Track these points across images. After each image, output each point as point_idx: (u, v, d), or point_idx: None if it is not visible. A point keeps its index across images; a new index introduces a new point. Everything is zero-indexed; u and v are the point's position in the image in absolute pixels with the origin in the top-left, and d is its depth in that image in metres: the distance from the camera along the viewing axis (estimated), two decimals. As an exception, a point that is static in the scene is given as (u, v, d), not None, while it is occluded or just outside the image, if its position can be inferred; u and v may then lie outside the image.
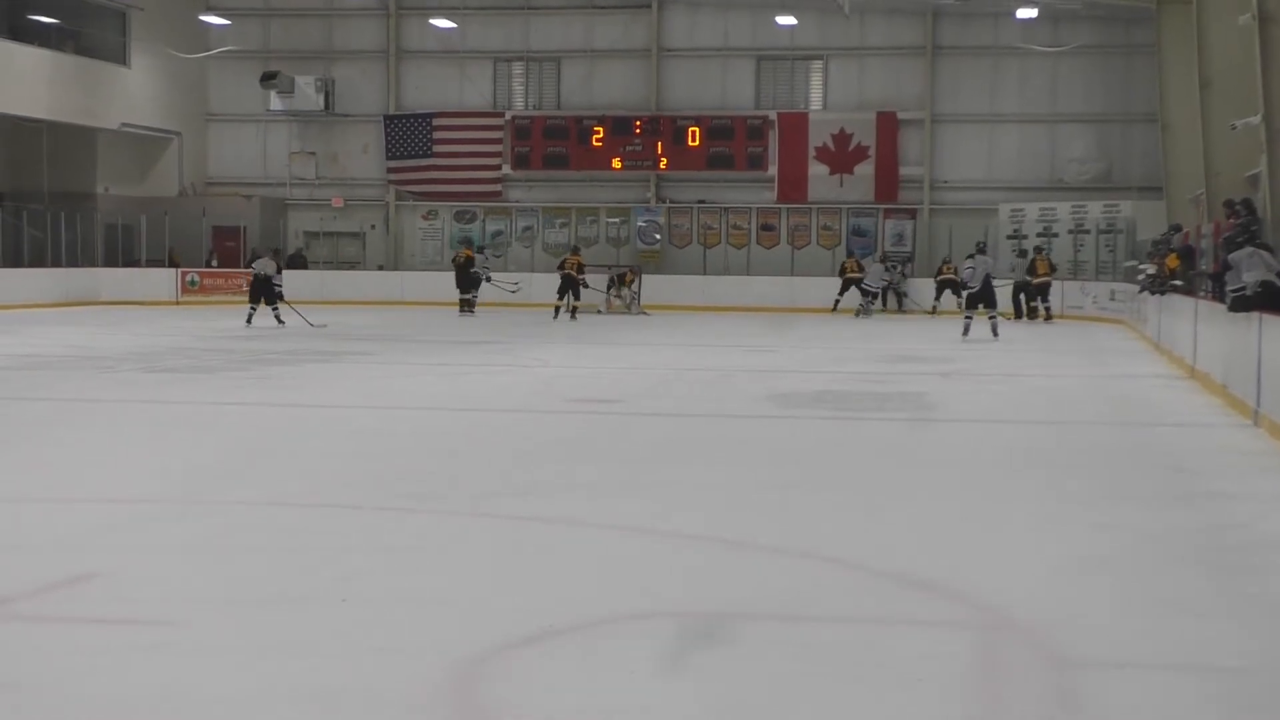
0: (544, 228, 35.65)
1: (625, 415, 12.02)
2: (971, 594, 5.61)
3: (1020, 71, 33.71)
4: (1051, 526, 7.16)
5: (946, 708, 4.24)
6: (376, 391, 13.99)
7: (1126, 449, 10.34)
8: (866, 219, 34.42)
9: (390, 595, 5.51)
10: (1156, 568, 6.25)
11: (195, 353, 18.09)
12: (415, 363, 17.49)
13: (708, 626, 5.12)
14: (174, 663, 4.59)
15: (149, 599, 5.37)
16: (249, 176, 36.79)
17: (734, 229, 34.91)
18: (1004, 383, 15.52)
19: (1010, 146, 33.91)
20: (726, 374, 15.94)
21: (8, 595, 5.35)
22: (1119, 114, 33.14)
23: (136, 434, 10.55)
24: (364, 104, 36.33)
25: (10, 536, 6.50)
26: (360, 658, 4.67)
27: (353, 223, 36.64)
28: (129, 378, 14.72)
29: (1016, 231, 32.46)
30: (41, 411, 12.12)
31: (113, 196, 34.47)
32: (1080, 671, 4.64)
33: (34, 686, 4.32)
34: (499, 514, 7.32)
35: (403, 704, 4.21)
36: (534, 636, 4.92)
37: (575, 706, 4.20)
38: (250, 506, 7.47)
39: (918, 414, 12.11)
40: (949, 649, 4.86)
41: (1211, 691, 4.50)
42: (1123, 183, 32.73)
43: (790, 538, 6.69)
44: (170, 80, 35.49)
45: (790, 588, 5.73)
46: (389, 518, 7.22)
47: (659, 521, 7.10)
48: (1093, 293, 29.54)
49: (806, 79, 34.95)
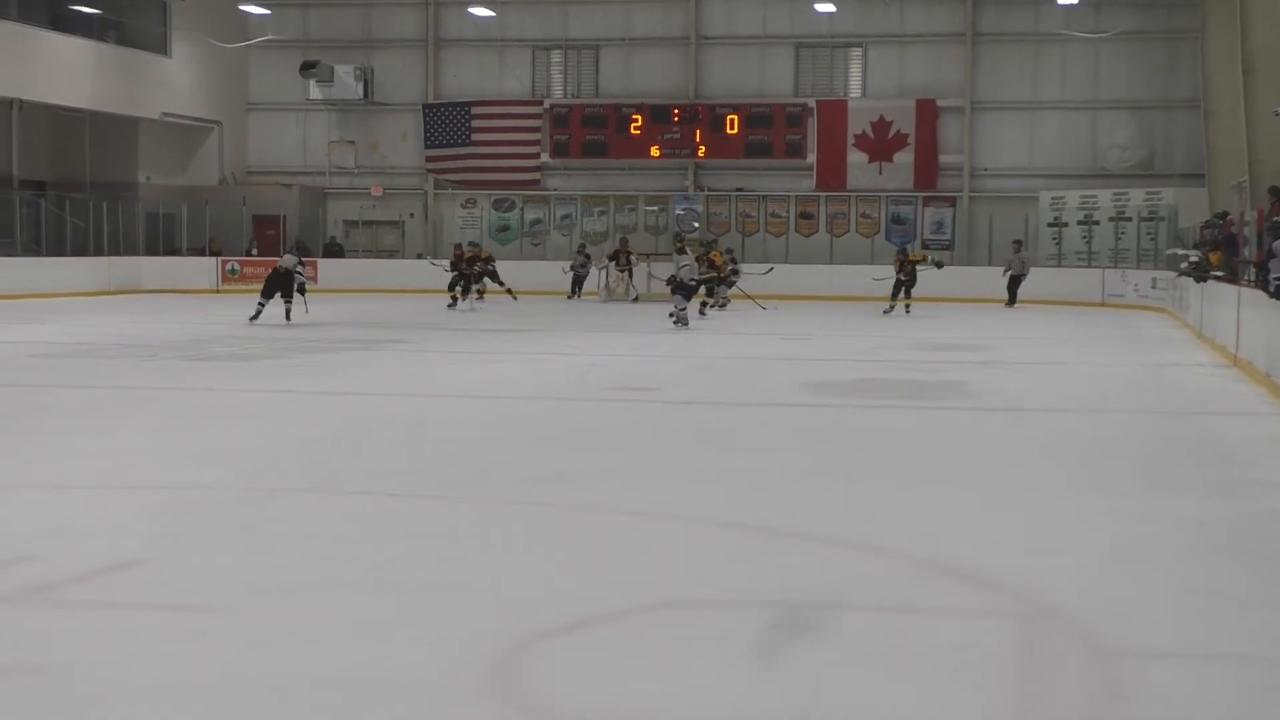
0: (582, 216, 35.64)
1: (662, 403, 12.01)
2: (1012, 583, 5.58)
3: (1061, 58, 33.43)
4: (1092, 515, 7.12)
5: (988, 697, 4.22)
6: (414, 379, 14.04)
7: (1168, 438, 10.27)
8: (906, 207, 34.25)
9: (429, 583, 5.53)
10: (1198, 557, 6.20)
11: (236, 341, 18.19)
12: (453, 351, 17.53)
13: (749, 615, 5.12)
14: (214, 649, 4.62)
15: (190, 586, 5.41)
16: (289, 165, 36.93)
17: (772, 217, 34.81)
18: (1044, 371, 15.43)
19: (1051, 133, 33.64)
20: (764, 362, 15.92)
21: (51, 581, 5.40)
22: (1161, 100, 32.82)
23: (177, 422, 10.61)
24: (403, 93, 36.40)
25: (54, 523, 6.56)
26: (399, 645, 4.68)
27: (391, 211, 36.73)
28: (170, 366, 14.81)
29: (1057, 219, 32.25)
30: (84, 399, 12.22)
31: (154, 186, 34.69)
32: (1121, 660, 4.61)
33: (75, 672, 4.36)
34: (536, 501, 7.34)
35: (442, 692, 4.23)
36: (573, 624, 4.93)
37: (614, 695, 4.20)
38: (290, 494, 7.51)
39: (957, 402, 12.06)
40: (990, 638, 4.85)
41: (1253, 681, 4.47)
42: (1165, 170, 32.42)
43: (829, 526, 6.68)
44: (211, 70, 35.67)
45: (831, 576, 5.72)
46: (427, 505, 7.24)
47: (697, 510, 7.10)
48: (1134, 280, 29.31)
49: (845, 66, 34.77)
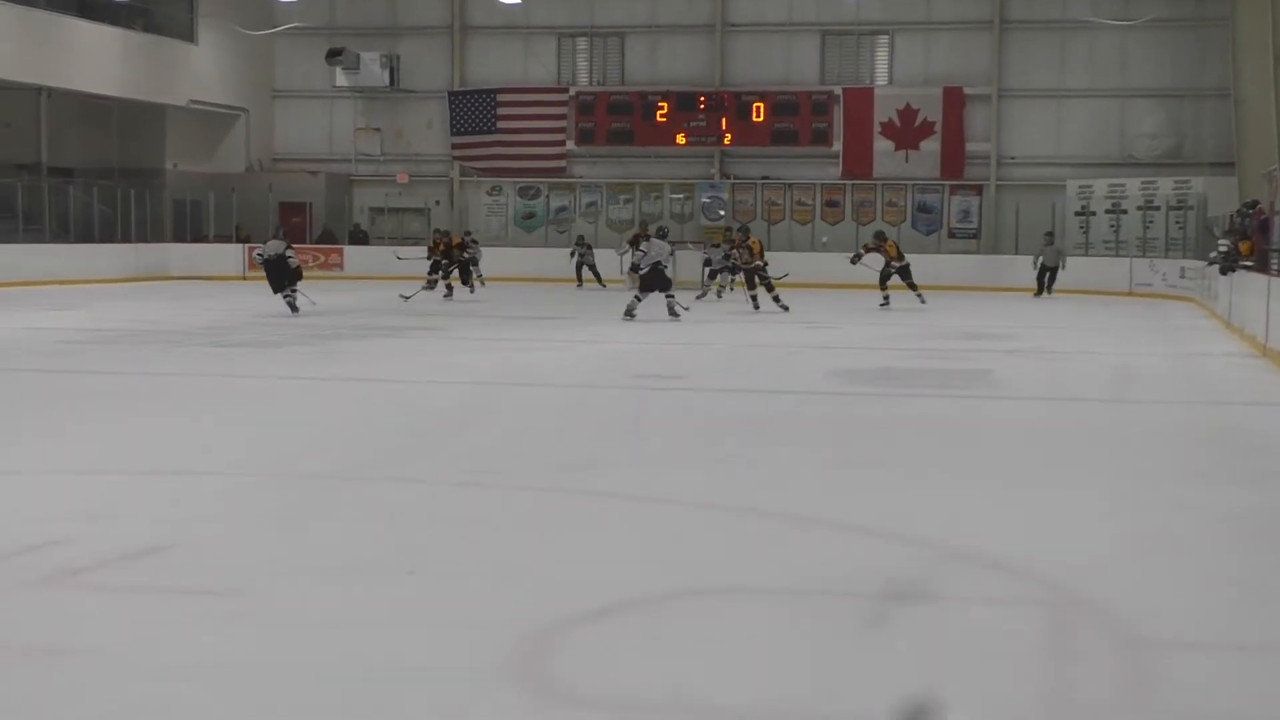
0: (608, 203, 35.64)
1: (688, 390, 12.01)
2: (1042, 572, 5.57)
3: (1089, 46, 33.24)
4: (1122, 505, 7.09)
5: (1018, 685, 4.21)
6: (441, 366, 14.07)
7: (1197, 428, 10.22)
8: (932, 195, 34.14)
9: (457, 568, 5.55)
10: (1228, 548, 6.18)
11: (263, 327, 18.24)
12: (480, 337, 17.56)
13: (772, 602, 5.12)
14: (245, 632, 4.64)
15: (221, 570, 5.43)
16: (315, 153, 37.00)
17: (798, 205, 34.74)
18: (1071, 360, 15.38)
19: (1079, 122, 33.46)
20: (790, 350, 15.90)
21: (83, 565, 5.43)
22: (1190, 88, 32.60)
23: (207, 408, 10.66)
24: (429, 80, 36.42)
25: (85, 508, 6.59)
26: (428, 630, 4.71)
27: (417, 198, 36.78)
28: (199, 352, 14.87)
29: (1084, 208, 32.09)
30: (114, 385, 12.27)
31: (181, 173, 34.81)
32: (1152, 651, 4.60)
33: (108, 655, 4.39)
34: (563, 488, 7.34)
35: (471, 676, 4.24)
36: (602, 610, 4.93)
37: (642, 681, 4.21)
38: (319, 480, 7.54)
39: (984, 391, 12.02)
40: (1020, 627, 4.84)
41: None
42: (1194, 158, 32.19)
43: (857, 514, 6.66)
44: (237, 57, 35.76)
45: (859, 564, 5.71)
46: (456, 491, 7.26)
47: (726, 497, 7.10)
48: (1162, 270, 29.16)
49: (872, 54, 34.65)
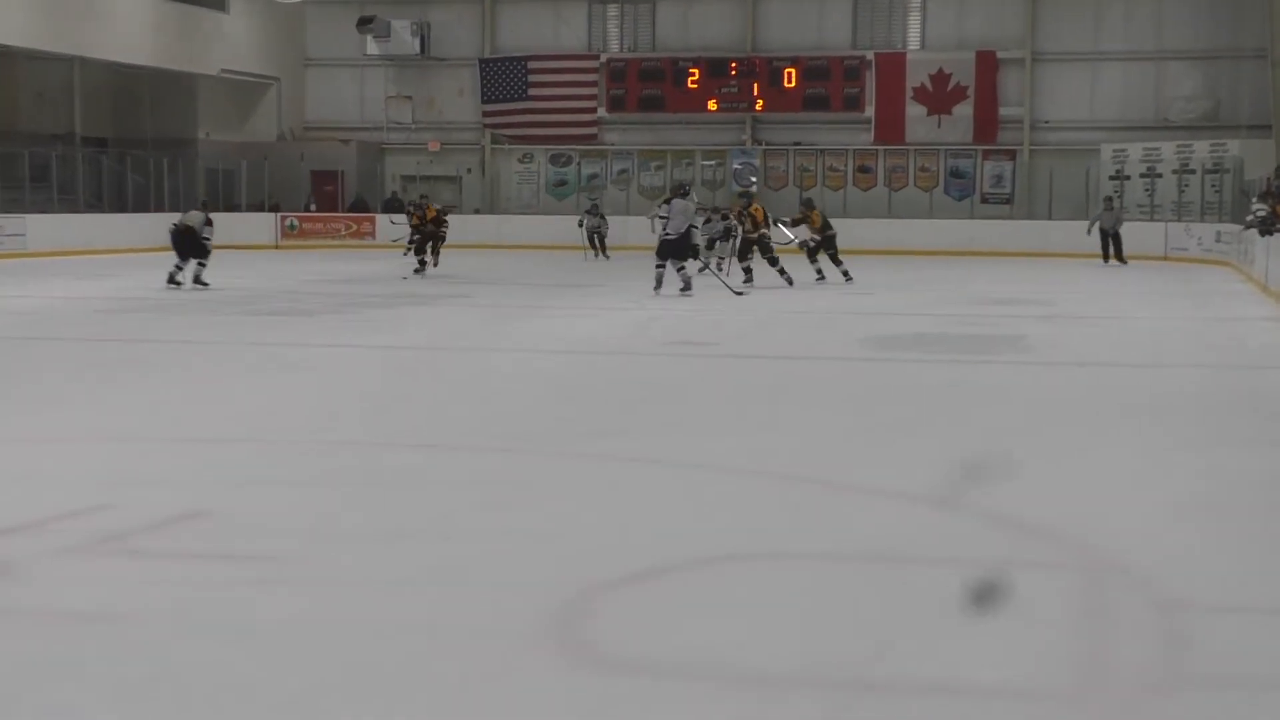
0: (639, 170, 35.58)
1: (723, 357, 12.01)
2: (1076, 536, 5.56)
3: (1125, 8, 32.91)
4: (1156, 470, 7.07)
5: (1054, 649, 4.21)
6: (473, 334, 14.11)
7: (1232, 392, 10.16)
8: (965, 160, 33.95)
9: (491, 534, 5.57)
10: (1262, 512, 6.15)
11: (295, 296, 18.32)
12: (511, 305, 17.58)
13: (808, 566, 5.13)
14: (284, 597, 4.68)
15: (258, 535, 5.48)
16: (346, 121, 37.03)
17: (830, 171, 34.60)
18: (1106, 325, 15.30)
19: (1113, 85, 33.18)
20: (823, 315, 15.87)
21: (123, 530, 5.48)
22: (1227, 50, 32.23)
23: (241, 375, 10.73)
24: (460, 47, 36.37)
25: (123, 473, 6.65)
26: (466, 593, 4.73)
27: (449, 166, 36.79)
28: (232, 320, 14.95)
29: (1119, 172, 31.86)
30: (148, 353, 12.35)
31: (213, 142, 34.91)
32: (1187, 614, 4.59)
33: (150, 619, 4.43)
34: (598, 454, 7.37)
35: (510, 639, 4.26)
36: (635, 575, 4.95)
37: (675, 645, 4.23)
38: (354, 446, 7.58)
39: (1019, 356, 11.98)
40: (1055, 591, 4.83)
41: (1323, 636, 4.44)
42: (1230, 121, 31.87)
43: (890, 479, 6.66)
44: (269, 26, 35.79)
45: (893, 529, 5.71)
46: (489, 458, 7.29)
47: (759, 463, 7.10)
48: (1198, 234, 28.93)
49: (904, 18, 34.41)
